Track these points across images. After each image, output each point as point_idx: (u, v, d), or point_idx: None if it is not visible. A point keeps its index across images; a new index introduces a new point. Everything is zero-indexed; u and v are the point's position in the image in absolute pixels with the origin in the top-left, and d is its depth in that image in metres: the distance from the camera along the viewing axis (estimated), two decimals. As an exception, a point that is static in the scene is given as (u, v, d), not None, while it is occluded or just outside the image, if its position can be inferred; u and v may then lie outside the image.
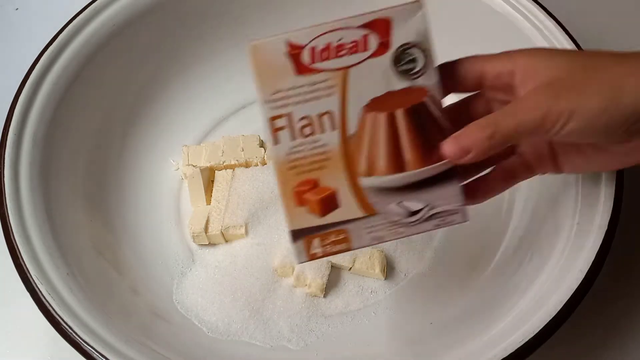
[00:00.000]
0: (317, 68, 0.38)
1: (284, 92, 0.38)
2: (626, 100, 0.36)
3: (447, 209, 0.40)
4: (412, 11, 0.39)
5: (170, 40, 0.60)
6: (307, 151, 0.39)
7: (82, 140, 0.55)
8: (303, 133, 0.39)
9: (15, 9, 0.71)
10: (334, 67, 0.38)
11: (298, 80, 0.38)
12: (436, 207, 0.40)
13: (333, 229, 0.40)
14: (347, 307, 0.52)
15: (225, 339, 0.50)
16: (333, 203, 0.39)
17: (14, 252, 0.45)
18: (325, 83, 0.38)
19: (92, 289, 0.46)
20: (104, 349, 0.42)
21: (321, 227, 0.40)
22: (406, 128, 0.39)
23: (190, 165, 0.57)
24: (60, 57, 0.53)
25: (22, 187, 0.48)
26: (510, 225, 0.53)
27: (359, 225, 0.40)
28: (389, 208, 0.40)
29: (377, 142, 0.39)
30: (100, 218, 0.54)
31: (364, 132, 0.39)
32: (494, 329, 0.43)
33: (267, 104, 0.38)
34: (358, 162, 0.39)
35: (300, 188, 0.39)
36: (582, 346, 0.50)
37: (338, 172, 0.39)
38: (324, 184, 0.39)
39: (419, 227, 0.40)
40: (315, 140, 0.39)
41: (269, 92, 0.38)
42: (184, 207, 0.58)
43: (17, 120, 0.50)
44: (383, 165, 0.39)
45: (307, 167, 0.39)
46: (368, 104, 0.39)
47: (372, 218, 0.40)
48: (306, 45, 0.38)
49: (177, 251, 0.55)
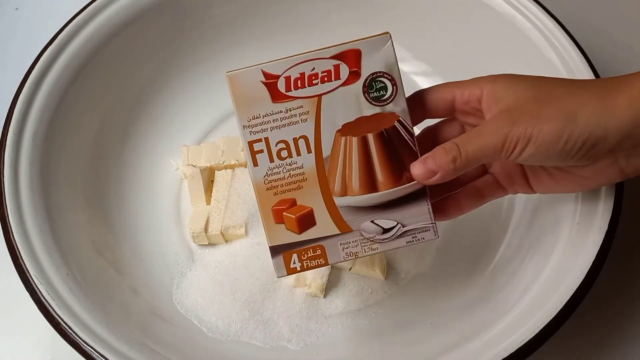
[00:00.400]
0: (292, 96, 0.41)
1: (261, 118, 0.41)
2: (580, 126, 0.38)
3: (419, 227, 0.43)
4: (380, 43, 0.42)
5: (169, 40, 0.60)
6: (284, 173, 0.42)
7: (82, 141, 0.55)
8: (280, 156, 0.42)
9: (15, 9, 0.71)
10: (307, 95, 0.41)
11: (274, 107, 0.41)
12: (407, 225, 0.43)
13: (310, 245, 0.42)
14: (347, 307, 0.52)
15: (225, 339, 0.50)
16: (310, 221, 0.42)
17: (14, 252, 0.45)
18: (300, 109, 0.41)
19: (91, 289, 0.46)
20: (103, 349, 0.42)
21: (299, 243, 0.42)
22: (378, 151, 0.42)
23: (190, 165, 0.57)
24: (60, 57, 0.53)
25: (22, 187, 0.48)
26: (510, 225, 0.53)
27: (334, 241, 0.42)
28: (363, 226, 0.42)
29: (351, 164, 0.42)
30: (100, 218, 0.54)
31: (337, 154, 0.42)
32: (494, 329, 0.43)
33: (246, 129, 0.41)
34: (333, 183, 0.42)
35: (279, 207, 0.42)
36: (582, 346, 0.50)
37: (314, 192, 0.42)
38: (301, 203, 0.42)
39: (392, 243, 0.43)
40: (292, 162, 0.42)
41: (246, 118, 0.41)
42: (184, 207, 0.58)
43: (16, 120, 0.50)
44: (356, 186, 0.42)
45: (284, 188, 0.42)
46: (341, 128, 0.42)
47: (347, 235, 0.42)
48: (281, 74, 0.41)
49: (177, 251, 0.55)
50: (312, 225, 0.42)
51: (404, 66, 0.62)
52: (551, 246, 0.46)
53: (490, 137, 0.39)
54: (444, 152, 0.40)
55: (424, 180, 0.41)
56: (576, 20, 0.56)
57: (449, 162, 0.40)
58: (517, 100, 0.40)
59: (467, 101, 0.42)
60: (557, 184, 0.43)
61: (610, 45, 0.64)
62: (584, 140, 0.38)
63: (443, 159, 0.40)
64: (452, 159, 0.40)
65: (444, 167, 0.40)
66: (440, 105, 0.43)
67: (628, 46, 0.66)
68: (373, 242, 0.42)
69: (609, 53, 0.62)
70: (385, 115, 0.42)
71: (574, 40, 0.53)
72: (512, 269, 0.49)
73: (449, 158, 0.40)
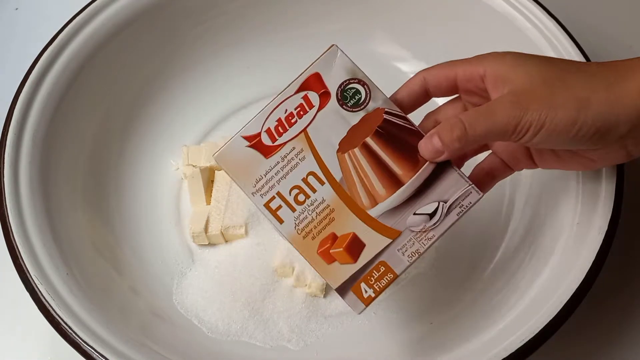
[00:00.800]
0: (280, 143, 0.42)
1: (265, 178, 0.42)
2: (594, 113, 0.37)
3: (459, 195, 0.41)
4: (331, 56, 0.42)
5: (169, 40, 0.60)
6: (311, 214, 0.41)
7: (82, 141, 0.55)
8: (299, 201, 0.42)
9: (15, 9, 0.71)
10: (294, 135, 0.42)
11: (270, 161, 0.42)
12: (449, 199, 0.41)
13: (372, 267, 0.41)
14: (347, 307, 0.52)
15: (225, 339, 0.50)
16: (358, 245, 0.41)
17: (14, 252, 0.45)
18: (294, 151, 0.42)
19: (91, 289, 0.46)
20: (103, 349, 0.42)
21: (360, 270, 0.41)
22: (383, 149, 0.42)
23: (190, 165, 0.57)
24: (60, 57, 0.53)
25: (22, 187, 0.48)
26: (510, 225, 0.53)
27: (392, 251, 0.41)
28: (409, 222, 0.41)
29: (366, 174, 0.42)
30: (100, 218, 0.54)
31: (349, 172, 0.42)
32: (494, 329, 0.43)
33: (256, 195, 0.42)
34: (359, 199, 0.42)
35: (323, 248, 0.41)
36: (582, 346, 0.50)
37: (348, 217, 0.41)
38: (341, 233, 0.41)
39: (444, 224, 0.41)
40: (313, 201, 0.41)
41: (252, 185, 0.42)
42: (184, 207, 0.58)
43: (16, 120, 0.50)
44: (382, 190, 0.41)
45: (319, 227, 0.41)
46: (339, 147, 0.42)
47: (400, 239, 0.41)
48: (261, 130, 0.42)
49: (177, 251, 0.55)
50: (362, 247, 0.41)
51: (404, 66, 0.62)
52: (551, 246, 0.46)
53: (500, 118, 0.38)
54: (449, 129, 0.39)
55: (433, 158, 0.41)
56: (576, 20, 0.56)
57: (454, 141, 0.39)
58: (528, 83, 0.39)
59: (469, 79, 0.41)
60: (562, 163, 0.43)
61: (610, 45, 0.64)
62: (597, 128, 0.38)
63: (448, 137, 0.39)
64: (457, 137, 0.39)
65: (449, 145, 0.39)
66: (443, 83, 0.42)
67: (628, 46, 0.65)
68: (426, 232, 0.41)
69: (609, 53, 0.61)
70: (371, 114, 0.42)
71: (574, 40, 0.53)
72: (511, 269, 0.49)
73: (453, 136, 0.39)
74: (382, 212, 0.41)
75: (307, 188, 0.42)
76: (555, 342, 0.42)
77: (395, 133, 0.42)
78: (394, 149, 0.42)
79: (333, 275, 0.41)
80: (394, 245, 0.41)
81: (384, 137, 0.42)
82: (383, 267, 0.41)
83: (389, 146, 0.42)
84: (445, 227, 0.41)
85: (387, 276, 0.41)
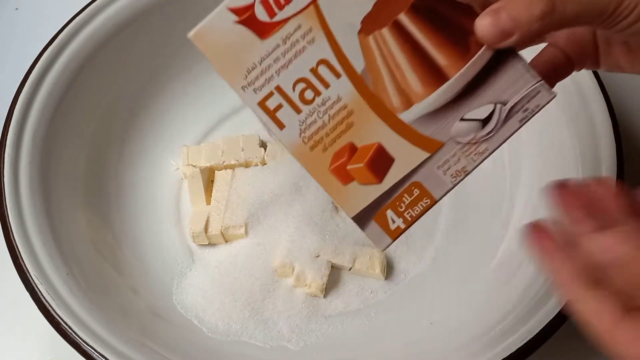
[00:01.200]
0: (281, 19, 0.31)
1: (259, 67, 0.31)
2: None
3: (525, 94, 0.31)
4: None
5: (169, 40, 0.60)
6: (322, 117, 0.31)
7: (81, 141, 0.55)
8: (305, 99, 0.31)
9: (15, 9, 0.71)
10: (299, 8, 0.31)
11: (267, 44, 0.31)
12: (509, 100, 0.31)
13: (401, 189, 0.32)
14: (347, 307, 0.52)
15: (225, 339, 0.50)
16: (385, 160, 0.32)
17: (14, 252, 0.45)
18: (300, 30, 0.31)
19: (91, 289, 0.46)
20: (103, 349, 0.42)
21: (386, 193, 0.32)
22: (422, 30, 0.31)
23: (190, 165, 0.57)
24: (60, 57, 0.53)
25: (22, 187, 0.48)
26: (510, 225, 0.53)
27: (429, 169, 0.32)
28: (454, 130, 0.32)
29: (398, 65, 0.31)
30: (100, 218, 0.54)
31: (375, 61, 0.31)
32: (494, 329, 0.43)
33: (247, 89, 0.31)
34: (388, 98, 0.31)
35: (338, 162, 0.32)
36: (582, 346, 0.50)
37: (371, 122, 0.31)
38: (362, 144, 0.32)
39: (501, 133, 0.32)
40: (325, 99, 0.31)
41: (242, 76, 0.31)
42: (184, 207, 0.58)
43: (16, 120, 0.50)
44: (418, 87, 0.31)
45: (332, 135, 0.32)
46: (361, 27, 0.31)
47: (441, 152, 0.32)
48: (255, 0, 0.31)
49: (177, 251, 0.55)
50: (391, 163, 0.32)
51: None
52: (551, 246, 0.46)
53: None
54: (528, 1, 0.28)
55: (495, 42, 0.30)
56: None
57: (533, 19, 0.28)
58: None
59: None
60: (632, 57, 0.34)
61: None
62: None
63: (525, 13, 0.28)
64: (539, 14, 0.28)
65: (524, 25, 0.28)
66: None
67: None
68: (477, 143, 0.32)
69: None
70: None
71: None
72: (512, 269, 0.49)
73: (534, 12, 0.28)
74: (418, 116, 0.31)
75: (317, 82, 0.31)
76: (555, 342, 0.42)
77: (440, 8, 0.31)
78: (436, 30, 0.31)
79: (350, 200, 0.32)
80: (432, 161, 0.32)
81: (424, 12, 0.31)
82: (417, 189, 0.32)
83: (431, 26, 0.31)
84: (503, 138, 0.32)
85: (422, 202, 0.32)
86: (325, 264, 0.53)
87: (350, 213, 0.32)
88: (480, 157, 0.32)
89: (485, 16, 0.29)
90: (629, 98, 0.59)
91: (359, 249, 0.53)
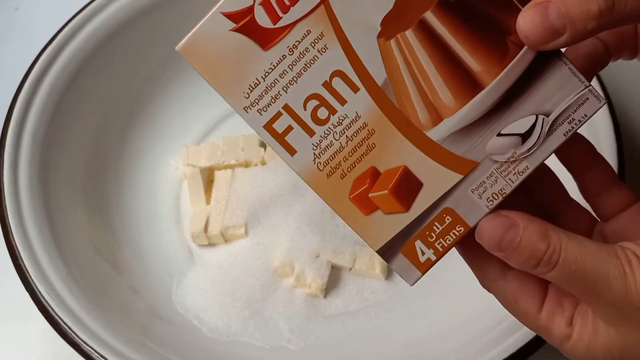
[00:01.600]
0: (286, 24, 0.27)
1: (264, 82, 0.27)
2: None
3: (570, 103, 0.28)
4: None
5: (169, 40, 0.60)
6: (338, 139, 0.28)
7: (81, 140, 0.55)
8: (319, 119, 0.27)
9: (15, 9, 0.71)
10: (308, 9, 0.27)
11: (271, 55, 0.27)
12: (553, 110, 0.28)
13: (432, 217, 0.28)
14: (347, 307, 0.52)
15: (225, 339, 0.50)
16: (412, 184, 0.28)
17: (13, 252, 0.45)
18: (310, 37, 0.27)
19: (91, 289, 0.46)
20: (103, 349, 0.42)
21: (415, 223, 0.28)
22: (451, 30, 0.27)
23: (190, 165, 0.57)
24: (59, 57, 0.53)
25: (21, 187, 0.48)
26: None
27: (462, 192, 0.28)
28: (489, 148, 0.28)
29: (425, 73, 0.27)
30: (99, 218, 0.54)
31: (398, 70, 0.27)
32: (494, 329, 0.43)
33: (250, 110, 0.28)
34: (414, 113, 0.28)
35: (359, 190, 0.28)
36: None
37: (395, 142, 0.28)
38: (385, 168, 0.28)
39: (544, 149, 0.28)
40: (341, 117, 0.27)
41: (241, 95, 0.28)
42: (184, 207, 0.58)
43: (16, 120, 0.50)
44: (449, 99, 0.27)
45: (351, 160, 0.28)
46: (381, 29, 0.27)
47: (475, 173, 0.28)
48: (254, 2, 0.27)
49: (176, 251, 0.55)
50: (419, 188, 0.28)
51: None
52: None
53: None
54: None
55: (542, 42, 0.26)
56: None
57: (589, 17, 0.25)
58: None
59: None
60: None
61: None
62: None
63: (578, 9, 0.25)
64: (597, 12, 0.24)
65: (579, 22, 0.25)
66: None
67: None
68: (516, 161, 0.28)
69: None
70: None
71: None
72: (512, 269, 0.49)
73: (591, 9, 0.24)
74: (449, 133, 0.28)
75: (331, 98, 0.27)
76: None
77: (473, 3, 0.27)
78: (469, 31, 0.27)
79: (373, 231, 0.28)
80: (466, 184, 0.28)
81: (455, 10, 0.27)
82: (449, 216, 0.28)
83: (462, 26, 0.27)
84: (546, 154, 0.28)
85: (455, 230, 0.28)
86: (325, 264, 0.52)
87: (375, 246, 0.29)
88: (520, 176, 0.28)
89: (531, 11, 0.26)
90: (629, 98, 0.59)
91: (359, 249, 0.53)
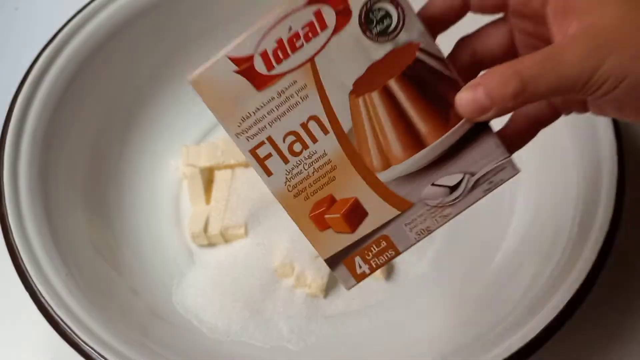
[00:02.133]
0: (278, 73, 0.32)
1: (254, 116, 0.33)
2: None
3: (492, 168, 0.34)
4: None
5: (169, 39, 0.60)
6: (307, 169, 0.34)
7: (81, 140, 0.55)
8: (294, 151, 0.34)
9: (15, 9, 0.71)
10: (296, 64, 0.32)
11: (263, 96, 0.33)
12: (477, 172, 0.34)
13: (371, 240, 0.35)
14: (347, 307, 0.52)
15: (225, 339, 0.50)
16: (360, 213, 0.35)
17: (13, 253, 0.45)
18: (295, 86, 0.33)
19: (91, 289, 0.46)
20: (103, 349, 0.42)
21: (357, 242, 0.35)
22: (407, 97, 0.33)
23: (189, 165, 0.57)
24: (59, 57, 0.53)
25: (21, 187, 0.48)
26: (510, 225, 0.53)
27: (397, 225, 0.35)
28: (424, 194, 0.34)
29: (382, 127, 0.33)
30: (99, 218, 0.54)
31: (361, 122, 0.33)
32: (494, 329, 0.43)
33: (241, 136, 0.33)
34: (369, 158, 0.34)
35: (317, 211, 0.35)
36: (582, 346, 0.50)
37: (351, 178, 0.34)
38: (341, 197, 0.34)
39: (465, 201, 0.35)
40: (311, 153, 0.34)
41: (236, 124, 0.33)
42: (184, 207, 0.58)
43: (16, 120, 0.50)
44: (398, 150, 0.34)
45: (314, 187, 0.34)
46: (353, 88, 0.33)
47: (410, 212, 0.35)
48: (255, 52, 0.32)
49: (176, 251, 0.55)
50: (364, 216, 0.35)
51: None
52: (551, 246, 0.46)
53: (570, 69, 0.29)
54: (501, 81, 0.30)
55: (474, 116, 0.31)
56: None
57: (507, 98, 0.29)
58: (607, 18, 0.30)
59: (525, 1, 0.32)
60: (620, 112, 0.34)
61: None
62: None
63: (499, 92, 0.30)
64: (512, 94, 0.29)
65: (499, 102, 0.30)
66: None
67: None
68: (443, 207, 0.34)
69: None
70: (401, 50, 0.32)
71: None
72: (512, 269, 0.49)
73: (507, 92, 0.29)
74: (394, 177, 0.34)
75: (306, 136, 0.33)
76: (556, 343, 0.42)
77: (427, 79, 0.33)
78: (422, 99, 0.33)
79: (324, 244, 0.35)
80: (401, 219, 0.35)
81: (412, 81, 0.33)
82: (384, 241, 0.35)
83: (417, 95, 0.33)
84: (466, 205, 0.35)
85: (387, 252, 0.35)
86: (325, 264, 0.52)
87: (324, 256, 0.36)
88: (444, 219, 0.35)
89: (465, 91, 0.31)
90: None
91: (359, 249, 0.53)
